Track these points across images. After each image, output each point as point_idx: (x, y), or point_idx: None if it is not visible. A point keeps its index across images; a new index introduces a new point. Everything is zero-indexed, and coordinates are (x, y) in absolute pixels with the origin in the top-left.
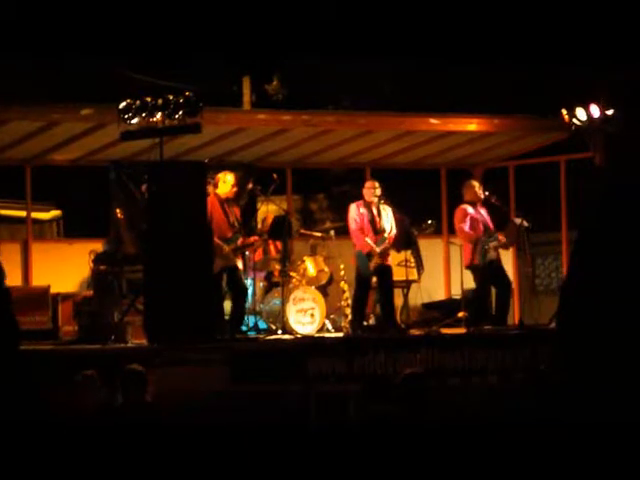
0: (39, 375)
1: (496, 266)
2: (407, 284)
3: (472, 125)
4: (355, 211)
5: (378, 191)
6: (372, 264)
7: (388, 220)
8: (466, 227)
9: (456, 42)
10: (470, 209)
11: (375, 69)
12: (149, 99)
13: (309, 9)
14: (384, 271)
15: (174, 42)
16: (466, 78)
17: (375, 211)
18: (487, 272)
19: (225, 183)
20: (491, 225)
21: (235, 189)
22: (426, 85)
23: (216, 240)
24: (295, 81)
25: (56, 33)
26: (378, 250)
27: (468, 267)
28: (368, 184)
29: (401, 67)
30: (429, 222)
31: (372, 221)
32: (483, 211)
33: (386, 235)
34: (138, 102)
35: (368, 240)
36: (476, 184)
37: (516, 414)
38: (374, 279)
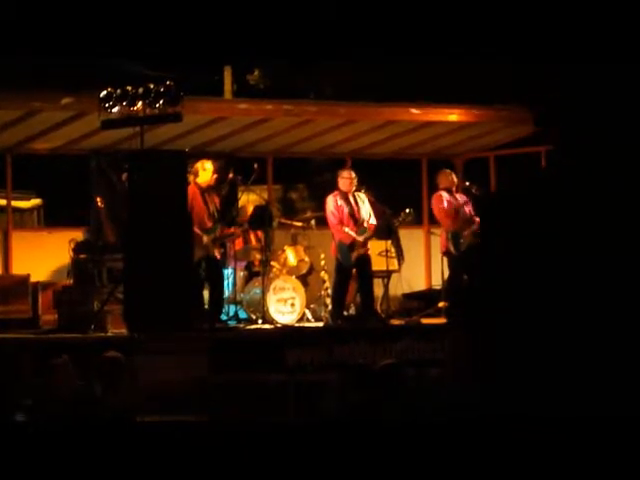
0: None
1: (471, 254)
2: (387, 274)
3: (453, 115)
4: (333, 204)
5: (355, 181)
6: (354, 255)
7: (366, 208)
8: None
9: (442, 35)
10: (446, 195)
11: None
12: (130, 88)
13: (305, 10)
14: (364, 261)
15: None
16: (448, 69)
17: (352, 201)
18: (461, 259)
19: (205, 171)
20: (467, 211)
21: (215, 175)
22: (407, 76)
23: (196, 230)
24: (276, 71)
25: (38, 27)
26: (361, 239)
27: (444, 253)
28: (345, 174)
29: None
30: (407, 211)
31: (351, 212)
32: (459, 197)
33: (366, 225)
34: (119, 91)
35: (349, 231)
36: (448, 171)
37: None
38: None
